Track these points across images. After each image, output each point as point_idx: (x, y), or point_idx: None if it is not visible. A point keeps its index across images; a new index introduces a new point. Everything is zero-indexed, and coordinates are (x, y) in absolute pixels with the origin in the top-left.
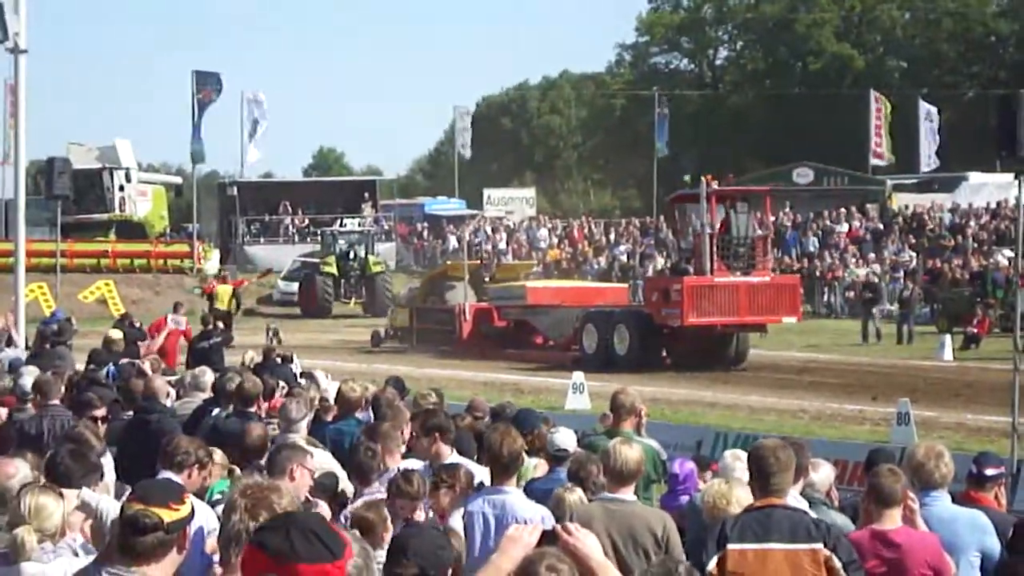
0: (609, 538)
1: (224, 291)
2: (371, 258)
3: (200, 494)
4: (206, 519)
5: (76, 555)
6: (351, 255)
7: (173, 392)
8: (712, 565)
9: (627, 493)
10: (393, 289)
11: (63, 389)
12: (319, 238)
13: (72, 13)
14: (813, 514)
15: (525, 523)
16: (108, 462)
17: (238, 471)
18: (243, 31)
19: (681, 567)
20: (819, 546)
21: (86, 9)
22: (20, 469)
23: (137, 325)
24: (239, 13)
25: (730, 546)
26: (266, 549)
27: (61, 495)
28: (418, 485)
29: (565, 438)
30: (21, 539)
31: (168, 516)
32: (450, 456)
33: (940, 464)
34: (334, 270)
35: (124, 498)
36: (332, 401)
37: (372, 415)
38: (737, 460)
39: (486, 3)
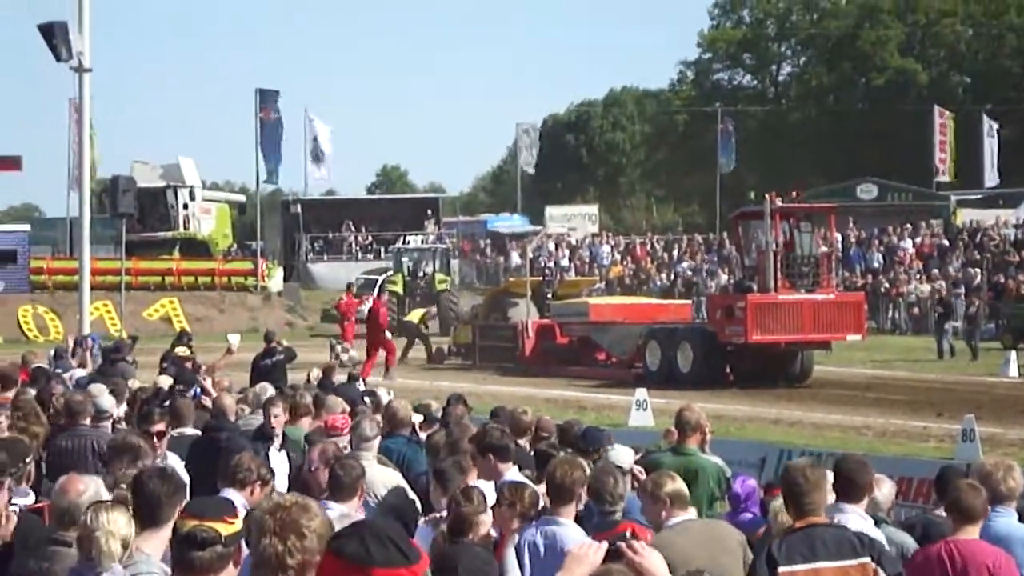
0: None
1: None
2: (438, 276)
3: None
4: None
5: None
6: (418, 273)
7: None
8: None
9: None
10: (458, 306)
11: (125, 405)
12: (387, 255)
13: (136, 32)
14: (855, 527)
15: None
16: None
17: None
18: (308, 50)
19: None
20: (867, 560)
21: (150, 28)
22: (90, 486)
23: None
24: (304, 32)
25: (781, 569)
26: (343, 555)
27: (131, 514)
28: (478, 502)
29: (621, 455)
30: (106, 542)
31: (225, 530)
32: (509, 474)
33: (1008, 477)
34: (399, 288)
35: (176, 515)
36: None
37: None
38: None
39: (549, 22)
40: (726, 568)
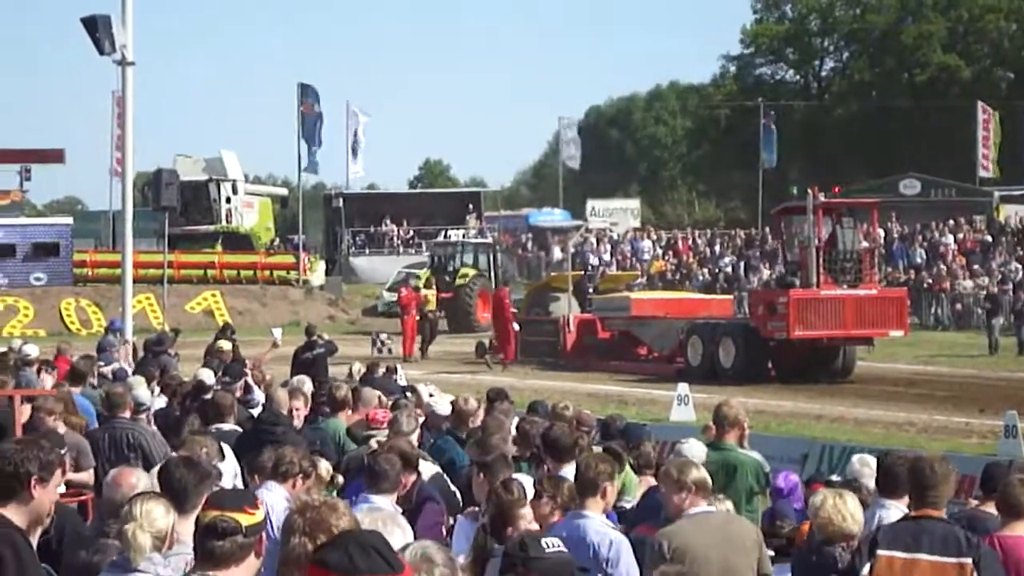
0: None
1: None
2: (462, 270)
3: None
4: None
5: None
6: (448, 267)
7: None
8: (865, 571)
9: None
10: (473, 308)
11: (167, 399)
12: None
13: (180, 25)
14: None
15: (595, 546)
16: (231, 470)
17: (340, 479)
18: (351, 43)
19: None
20: (968, 561)
21: (194, 21)
22: (142, 479)
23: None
24: (346, 25)
25: (880, 552)
26: (327, 566)
27: (171, 505)
28: (518, 493)
29: (692, 448)
30: (134, 535)
31: (246, 520)
32: (566, 470)
33: None
34: (422, 282)
35: (200, 506)
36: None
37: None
38: (865, 466)
39: (591, 15)
40: (736, 567)
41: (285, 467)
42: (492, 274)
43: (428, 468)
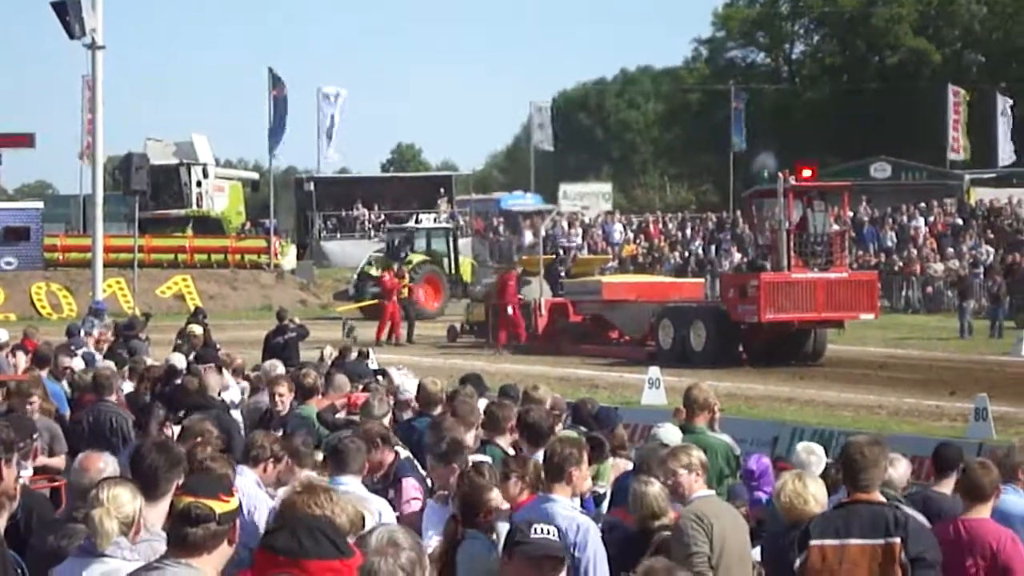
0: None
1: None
2: (413, 255)
3: None
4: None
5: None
6: (400, 254)
7: (241, 386)
8: (798, 563)
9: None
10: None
11: (138, 383)
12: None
13: (149, 9)
14: (906, 509)
15: (560, 530)
16: None
17: None
18: (321, 28)
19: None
20: (895, 540)
21: (163, 5)
22: (109, 464)
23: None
24: (317, 9)
25: (812, 542)
26: (274, 550)
27: (138, 490)
28: (489, 475)
29: (669, 433)
30: (100, 521)
31: (219, 508)
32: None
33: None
34: (371, 269)
35: (172, 493)
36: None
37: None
38: (811, 455)
39: None
40: (746, 547)
41: (256, 451)
42: (452, 259)
43: (399, 452)
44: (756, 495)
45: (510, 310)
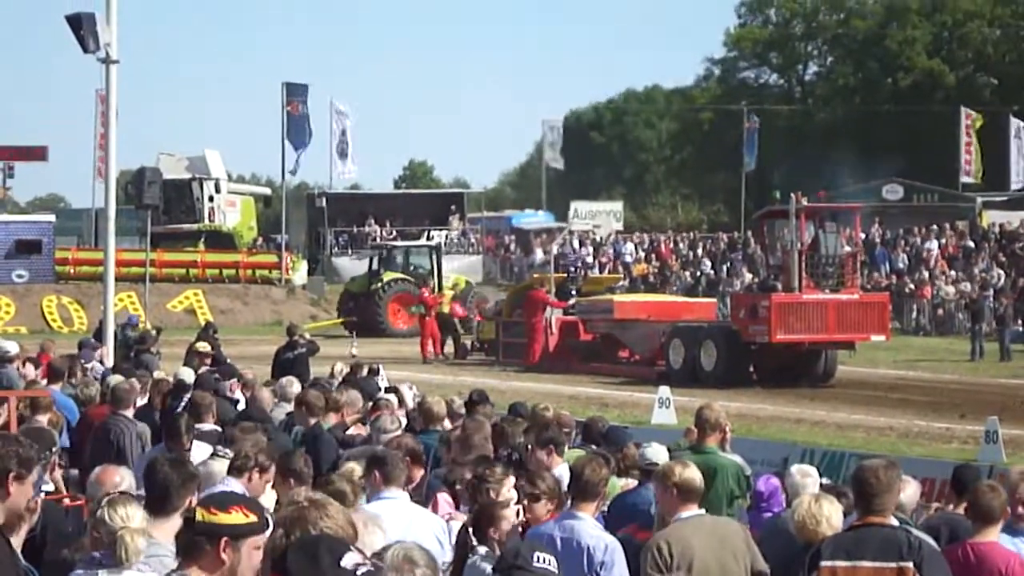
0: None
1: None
2: (387, 273)
3: None
4: None
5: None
6: (381, 270)
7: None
8: None
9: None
10: (383, 312)
11: (148, 397)
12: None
13: (164, 24)
14: (918, 533)
15: (589, 549)
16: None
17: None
18: (336, 44)
19: None
20: (908, 564)
21: (178, 20)
22: (125, 477)
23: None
24: (331, 26)
25: (823, 563)
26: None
27: (139, 503)
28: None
29: (656, 452)
30: (131, 538)
31: (231, 521)
32: (559, 468)
33: None
34: (354, 286)
35: (184, 508)
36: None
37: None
38: (807, 476)
39: (577, 18)
40: (731, 571)
41: (240, 461)
42: (436, 277)
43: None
44: (764, 516)
45: (536, 325)
